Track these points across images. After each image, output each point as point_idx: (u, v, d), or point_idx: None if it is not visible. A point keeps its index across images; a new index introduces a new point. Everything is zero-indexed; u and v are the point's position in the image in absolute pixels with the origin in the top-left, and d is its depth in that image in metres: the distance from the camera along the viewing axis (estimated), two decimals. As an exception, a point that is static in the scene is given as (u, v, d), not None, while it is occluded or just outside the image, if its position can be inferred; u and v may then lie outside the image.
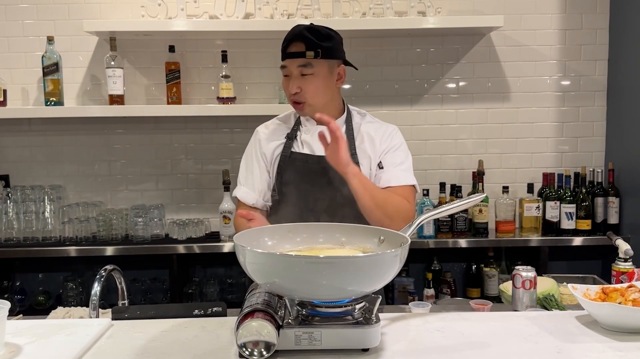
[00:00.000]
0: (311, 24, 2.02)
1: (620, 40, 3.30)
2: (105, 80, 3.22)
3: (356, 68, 2.15)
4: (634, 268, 1.92)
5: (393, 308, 2.17)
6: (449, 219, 3.20)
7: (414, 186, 2.03)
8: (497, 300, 2.64)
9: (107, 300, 2.94)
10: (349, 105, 2.13)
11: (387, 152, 2.03)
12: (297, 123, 2.09)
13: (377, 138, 2.04)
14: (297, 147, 2.05)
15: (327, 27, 2.01)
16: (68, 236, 3.18)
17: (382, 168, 2.01)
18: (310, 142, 2.03)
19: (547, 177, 3.30)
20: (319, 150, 1.98)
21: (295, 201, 1.99)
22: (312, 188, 1.98)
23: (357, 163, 1.98)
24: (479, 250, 3.30)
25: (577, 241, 3.21)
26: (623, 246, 1.96)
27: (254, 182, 2.07)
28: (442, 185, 3.28)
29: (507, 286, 2.06)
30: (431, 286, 3.16)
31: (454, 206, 1.51)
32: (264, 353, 1.19)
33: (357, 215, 1.93)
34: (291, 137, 2.06)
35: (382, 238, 1.42)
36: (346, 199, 1.93)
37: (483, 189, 3.26)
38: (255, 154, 2.10)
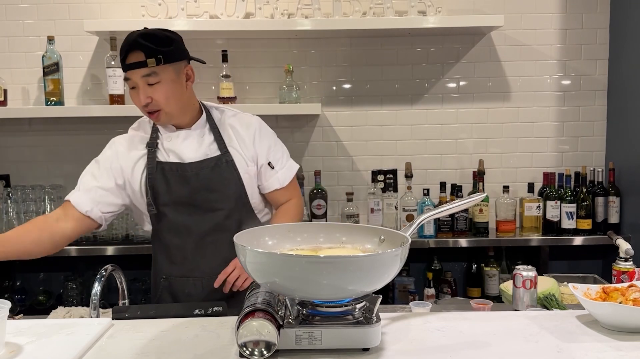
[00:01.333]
0: (145, 28, 1.94)
1: (620, 40, 3.30)
2: (105, 80, 3.22)
3: (203, 62, 2.07)
4: (634, 267, 1.92)
5: (393, 308, 2.17)
6: (450, 219, 3.20)
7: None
8: (498, 300, 2.64)
9: (108, 300, 2.94)
10: (205, 103, 2.09)
11: (267, 151, 2.05)
12: (155, 131, 2.03)
13: (247, 139, 2.02)
14: (163, 156, 2.00)
15: (163, 30, 1.94)
16: (68, 236, 3.18)
17: (273, 167, 2.05)
18: (175, 150, 1.99)
19: (548, 177, 3.30)
20: (187, 156, 1.98)
21: (174, 210, 1.99)
22: (190, 195, 1.98)
23: (231, 161, 1.99)
24: (479, 250, 3.30)
25: (578, 240, 3.21)
26: (624, 245, 1.96)
27: (95, 192, 1.99)
28: (443, 185, 3.28)
29: (507, 286, 2.06)
30: (431, 285, 3.16)
31: (454, 206, 1.51)
32: (265, 352, 1.19)
33: (240, 216, 2.00)
34: (152, 145, 2.00)
35: (382, 237, 1.42)
36: (225, 200, 1.97)
37: (483, 189, 3.26)
38: (108, 166, 2.01)
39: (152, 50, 1.85)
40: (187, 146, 1.99)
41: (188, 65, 1.97)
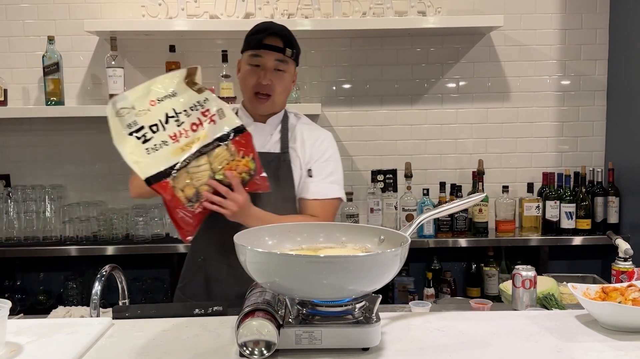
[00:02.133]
0: (272, 22, 2.05)
1: (620, 40, 3.30)
2: (105, 80, 3.22)
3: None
4: (633, 267, 1.92)
5: (393, 307, 2.17)
6: (449, 218, 3.20)
7: (339, 198, 2.05)
8: (497, 299, 2.64)
9: (108, 299, 2.93)
10: (287, 108, 2.15)
11: (317, 160, 2.04)
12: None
13: (309, 143, 2.05)
14: None
15: None
16: (69, 236, 3.18)
17: (311, 176, 2.02)
18: None
19: (547, 177, 3.31)
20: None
21: None
22: None
23: (288, 161, 2.01)
24: (479, 250, 3.31)
25: (577, 240, 3.21)
26: (623, 245, 1.96)
27: None
28: (442, 185, 3.28)
29: (507, 286, 2.06)
30: (431, 285, 3.16)
31: (454, 206, 1.52)
32: (265, 352, 1.20)
33: (291, 208, 2.00)
34: None
35: (382, 237, 1.42)
36: (274, 197, 1.95)
37: (483, 189, 3.26)
38: None
39: (291, 42, 1.98)
40: (256, 137, 1.99)
41: (296, 70, 2.08)
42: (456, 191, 3.30)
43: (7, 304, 1.26)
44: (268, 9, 3.14)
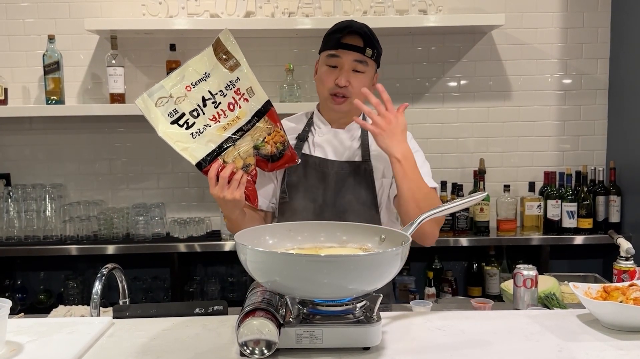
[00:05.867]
0: (352, 21, 1.97)
1: (621, 39, 3.29)
2: (106, 79, 3.22)
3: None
4: (635, 266, 1.91)
5: (394, 307, 2.17)
6: (450, 218, 3.20)
7: (434, 188, 1.97)
8: (498, 299, 2.64)
9: (108, 299, 2.94)
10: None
11: None
12: (309, 125, 2.03)
13: None
14: (309, 149, 1.98)
15: None
16: (69, 235, 3.18)
17: None
18: (323, 146, 1.97)
19: (549, 176, 3.30)
20: (332, 154, 1.96)
21: (306, 205, 1.93)
22: (325, 192, 1.93)
23: (370, 170, 1.95)
24: (480, 249, 3.30)
25: (579, 239, 3.20)
26: (624, 244, 1.95)
27: (259, 183, 1.93)
28: (443, 184, 3.28)
29: (508, 285, 2.06)
30: (432, 284, 3.16)
31: (455, 205, 1.51)
32: (265, 351, 1.19)
33: (373, 217, 1.92)
34: (302, 138, 1.99)
35: (383, 236, 1.42)
36: (354, 207, 1.90)
37: (484, 188, 3.25)
38: None
39: (372, 42, 1.91)
40: (335, 145, 1.97)
41: (377, 72, 2.00)
42: (457, 190, 3.30)
43: (7, 303, 1.25)
44: (269, 8, 3.13)
